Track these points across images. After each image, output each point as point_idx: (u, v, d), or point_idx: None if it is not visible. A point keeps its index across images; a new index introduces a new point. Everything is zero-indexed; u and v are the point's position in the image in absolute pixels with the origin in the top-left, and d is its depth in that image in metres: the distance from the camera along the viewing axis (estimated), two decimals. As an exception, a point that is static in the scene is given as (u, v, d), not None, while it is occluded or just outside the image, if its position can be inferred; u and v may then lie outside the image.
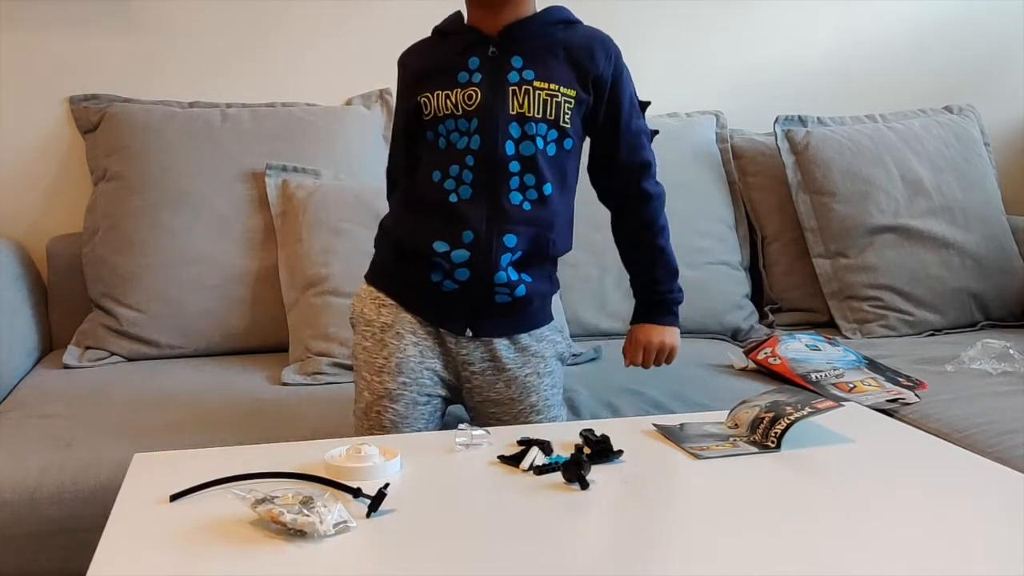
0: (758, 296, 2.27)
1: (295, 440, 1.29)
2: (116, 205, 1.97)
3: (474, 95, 1.32)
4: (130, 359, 1.91)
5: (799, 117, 2.33)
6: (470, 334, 1.39)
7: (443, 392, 1.41)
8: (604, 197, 1.50)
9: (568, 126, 1.35)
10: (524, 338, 1.41)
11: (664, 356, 1.49)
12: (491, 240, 1.33)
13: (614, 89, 1.40)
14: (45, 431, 1.49)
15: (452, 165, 1.34)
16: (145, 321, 1.91)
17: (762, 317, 2.23)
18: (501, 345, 1.40)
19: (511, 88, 1.32)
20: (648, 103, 1.49)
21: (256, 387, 1.73)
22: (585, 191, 1.50)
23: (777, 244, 2.30)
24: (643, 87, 1.46)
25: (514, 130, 1.33)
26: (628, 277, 1.51)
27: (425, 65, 1.39)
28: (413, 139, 1.42)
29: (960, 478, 1.08)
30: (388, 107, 2.23)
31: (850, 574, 0.84)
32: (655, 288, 1.49)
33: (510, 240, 1.34)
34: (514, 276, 1.36)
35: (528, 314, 1.41)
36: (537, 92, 1.33)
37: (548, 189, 1.35)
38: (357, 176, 2.07)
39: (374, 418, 1.36)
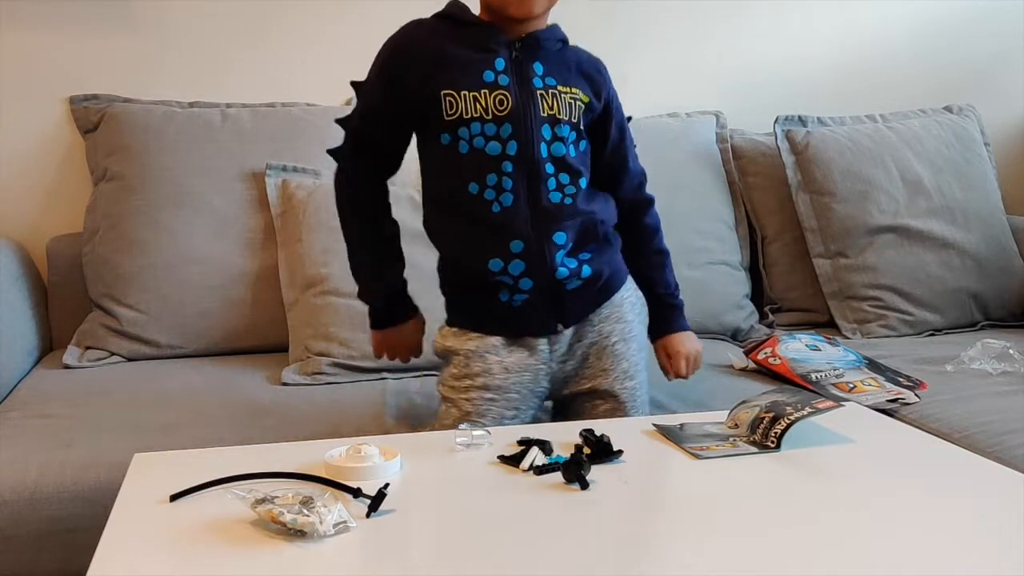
0: (758, 296, 2.27)
1: (295, 440, 1.29)
2: (116, 205, 1.97)
3: (505, 100, 1.31)
4: (130, 359, 1.91)
5: (799, 117, 2.33)
6: (562, 328, 1.41)
7: (534, 403, 1.43)
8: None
9: (584, 128, 1.39)
10: (604, 308, 1.44)
11: (696, 363, 1.54)
12: (542, 243, 1.35)
13: (613, 104, 1.46)
14: (45, 431, 1.49)
15: (488, 174, 1.32)
16: (145, 321, 1.91)
17: (762, 317, 2.23)
18: (585, 322, 1.43)
19: (539, 92, 1.34)
20: (630, 117, 1.54)
21: (256, 387, 1.73)
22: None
23: (777, 244, 2.30)
24: (643, 87, 1.47)
25: (546, 132, 1.34)
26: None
27: (437, 54, 1.33)
28: (401, 133, 1.41)
29: (960, 478, 1.08)
30: (388, 107, 2.23)
31: (850, 574, 0.84)
32: (669, 294, 1.53)
33: (560, 238, 1.36)
34: (573, 264, 1.38)
35: (603, 286, 1.44)
36: (562, 95, 1.35)
37: (583, 183, 1.38)
38: (357, 176, 2.06)
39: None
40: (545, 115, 1.33)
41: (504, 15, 1.34)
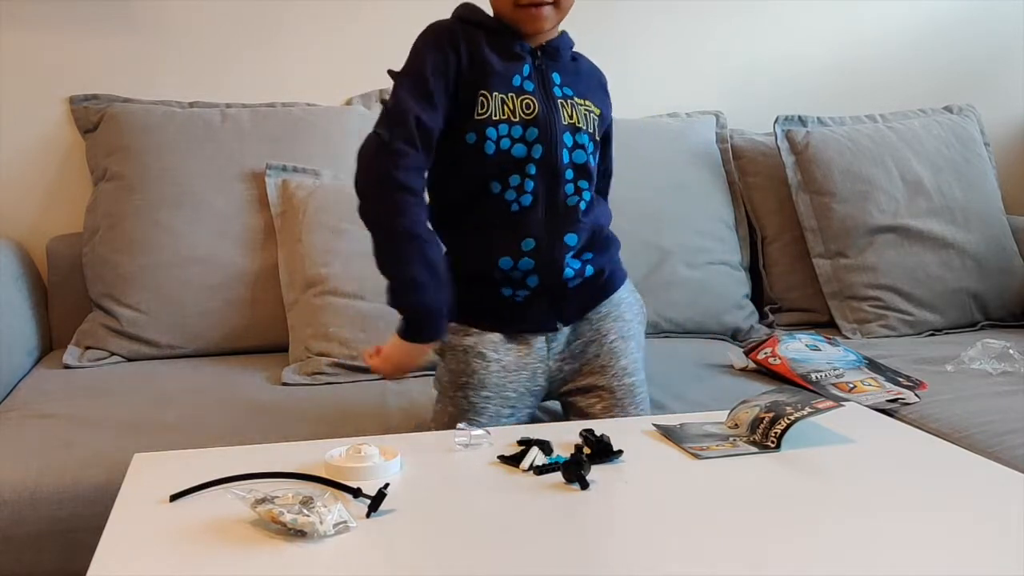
0: (758, 296, 2.27)
1: (295, 440, 1.29)
2: (116, 205, 1.97)
3: (532, 104, 1.34)
4: (130, 359, 1.91)
5: (799, 117, 2.33)
6: (560, 326, 1.42)
7: (530, 402, 1.44)
8: None
9: (598, 139, 1.43)
10: (603, 306, 1.45)
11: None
12: (553, 243, 1.37)
13: (610, 114, 1.49)
14: (45, 431, 1.49)
15: (511, 175, 1.34)
16: (145, 321, 1.91)
17: (762, 317, 2.23)
18: (583, 320, 1.44)
19: (559, 100, 1.37)
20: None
21: (256, 387, 1.73)
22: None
23: (777, 244, 2.30)
24: (643, 87, 1.47)
25: (568, 139, 1.37)
26: (631, 277, 1.54)
27: (478, 56, 1.33)
28: (447, 125, 1.33)
29: (960, 478, 1.08)
30: (388, 107, 2.23)
31: (850, 574, 0.84)
32: None
33: (571, 239, 1.38)
34: (578, 264, 1.41)
35: (602, 284, 1.46)
36: (580, 106, 1.39)
37: (593, 189, 1.43)
38: (357, 176, 2.06)
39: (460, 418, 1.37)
40: (567, 123, 1.37)
41: (516, 28, 1.37)
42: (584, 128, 1.38)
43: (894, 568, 0.85)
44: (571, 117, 1.37)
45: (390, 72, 1.37)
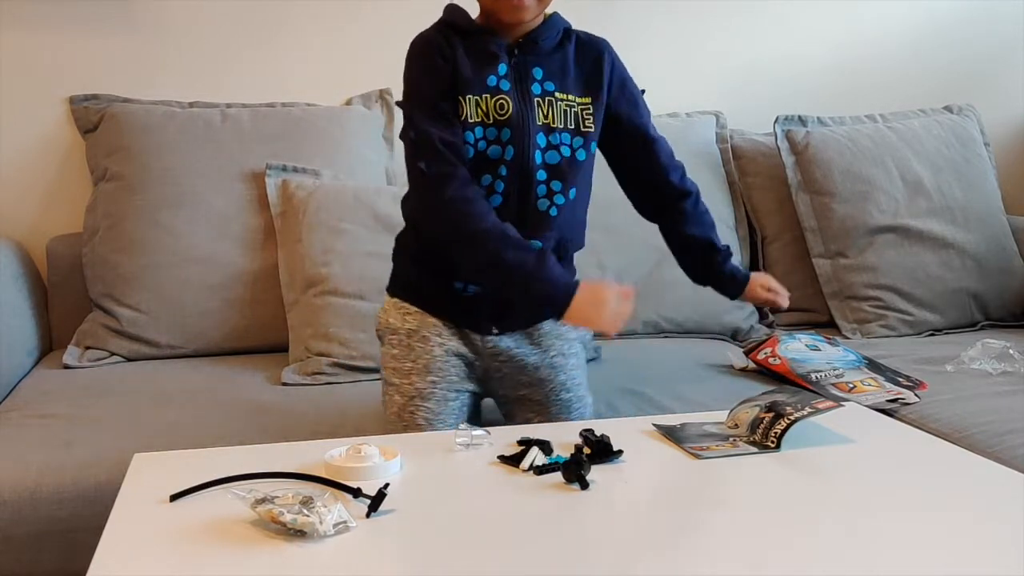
0: (758, 296, 2.27)
1: (295, 440, 1.29)
2: (116, 205, 1.97)
3: (505, 104, 1.33)
4: (130, 359, 1.91)
5: (799, 117, 2.33)
6: (496, 332, 1.41)
7: (472, 387, 1.44)
8: (646, 204, 1.52)
9: (591, 130, 1.38)
10: (546, 324, 1.45)
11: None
12: None
13: (616, 88, 1.42)
14: (45, 431, 1.49)
15: (483, 175, 1.33)
16: (145, 321, 1.91)
17: (762, 317, 2.23)
18: (525, 333, 1.43)
19: (536, 99, 1.34)
20: (643, 91, 1.51)
21: (256, 387, 1.73)
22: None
23: (777, 244, 2.30)
24: (643, 87, 1.47)
25: (540, 140, 1.35)
26: (626, 277, 1.51)
27: (456, 61, 1.34)
28: (458, 139, 1.33)
29: (960, 478, 1.09)
30: (388, 107, 2.23)
31: (850, 574, 0.84)
32: (727, 254, 1.53)
33: (536, 244, 1.34)
34: None
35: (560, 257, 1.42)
36: (559, 103, 1.36)
37: (572, 194, 1.39)
38: (357, 176, 2.07)
39: (407, 418, 1.38)
40: (540, 123, 1.34)
41: (496, 20, 1.34)
42: (560, 127, 1.35)
43: (894, 568, 0.85)
44: (546, 117, 1.34)
45: (399, 103, 1.39)
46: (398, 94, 1.41)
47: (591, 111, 1.38)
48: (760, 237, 2.31)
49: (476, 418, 1.47)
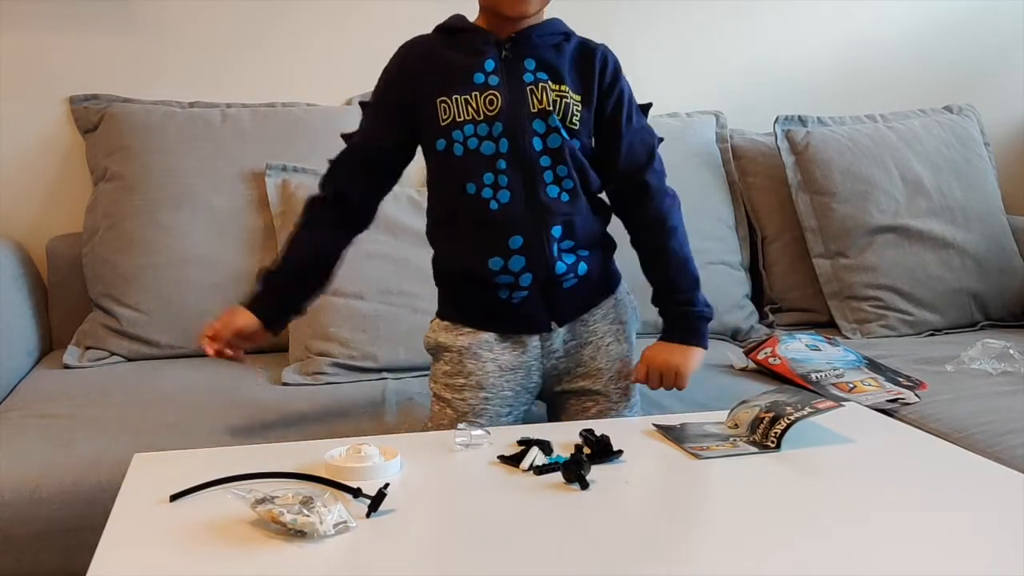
0: (758, 296, 2.27)
1: (295, 440, 1.29)
2: (116, 205, 1.97)
3: (495, 99, 1.32)
4: (130, 359, 1.91)
5: (799, 117, 2.33)
6: (555, 327, 1.41)
7: (525, 400, 1.43)
8: (614, 203, 1.47)
9: (577, 127, 1.36)
10: (600, 307, 1.44)
11: (671, 380, 1.41)
12: (541, 237, 1.35)
13: (615, 92, 1.41)
14: (45, 431, 1.49)
15: (485, 173, 1.33)
16: (145, 321, 1.91)
17: (762, 317, 2.23)
18: (580, 321, 1.43)
19: (528, 87, 1.34)
20: (650, 104, 1.50)
21: (256, 387, 1.73)
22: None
23: (777, 244, 2.30)
24: (643, 87, 1.46)
25: (539, 126, 1.34)
26: (626, 277, 1.51)
27: (437, 63, 1.36)
28: (403, 142, 1.41)
29: (960, 478, 1.09)
30: (388, 107, 2.23)
31: (850, 574, 0.84)
32: (673, 297, 1.44)
33: (557, 231, 1.35)
34: (571, 260, 1.38)
35: (598, 285, 1.44)
36: (551, 91, 1.34)
37: (579, 177, 1.37)
38: (357, 176, 2.06)
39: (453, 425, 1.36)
40: (536, 110, 1.33)
41: (498, 14, 1.34)
42: (555, 111, 1.34)
43: (894, 568, 0.85)
44: (540, 102, 1.33)
45: (360, 103, 1.50)
46: (417, 35, 1.42)
47: (580, 108, 1.36)
48: (760, 237, 2.31)
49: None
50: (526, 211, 1.34)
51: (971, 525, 0.94)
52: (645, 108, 1.48)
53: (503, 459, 1.10)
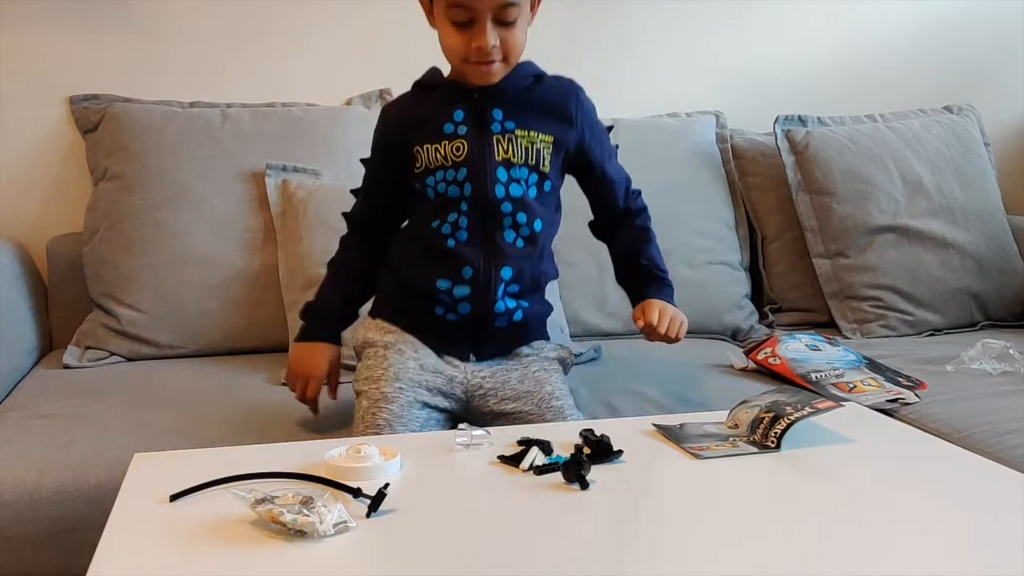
0: (758, 296, 2.27)
1: (295, 440, 1.29)
2: (116, 205, 1.97)
3: (462, 147, 1.40)
4: (130, 359, 1.91)
5: (799, 117, 2.33)
6: (473, 359, 1.46)
7: (447, 405, 1.44)
8: (597, 228, 1.60)
9: (548, 170, 1.44)
10: (524, 348, 1.49)
11: (677, 327, 1.44)
12: (489, 274, 1.42)
13: (586, 128, 1.48)
14: (45, 431, 1.49)
15: (449, 212, 1.42)
16: (145, 321, 1.91)
17: (762, 317, 2.23)
18: (504, 357, 1.48)
19: (495, 137, 1.41)
20: (611, 127, 1.57)
21: (256, 387, 1.73)
22: (582, 197, 1.54)
23: (777, 244, 2.30)
24: (643, 87, 1.47)
25: (501, 175, 1.41)
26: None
27: (411, 118, 1.45)
28: (397, 190, 1.49)
29: (960, 478, 1.09)
30: (388, 107, 2.23)
31: (850, 574, 0.84)
32: (659, 270, 1.54)
33: (506, 273, 1.43)
34: (511, 304, 1.45)
35: (527, 331, 1.50)
36: (519, 139, 1.42)
37: (538, 226, 1.45)
38: (357, 176, 2.05)
39: (368, 419, 1.38)
40: (499, 159, 1.41)
41: (465, 79, 1.42)
42: (519, 162, 1.41)
43: (894, 568, 0.85)
44: (505, 152, 1.41)
45: (361, 160, 1.58)
46: (399, 94, 1.48)
47: (551, 150, 1.43)
48: (760, 237, 2.31)
49: None
50: (481, 251, 1.42)
51: (971, 525, 0.94)
52: (607, 129, 1.56)
53: (503, 459, 1.10)
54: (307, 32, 2.21)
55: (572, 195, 1.56)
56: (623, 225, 1.57)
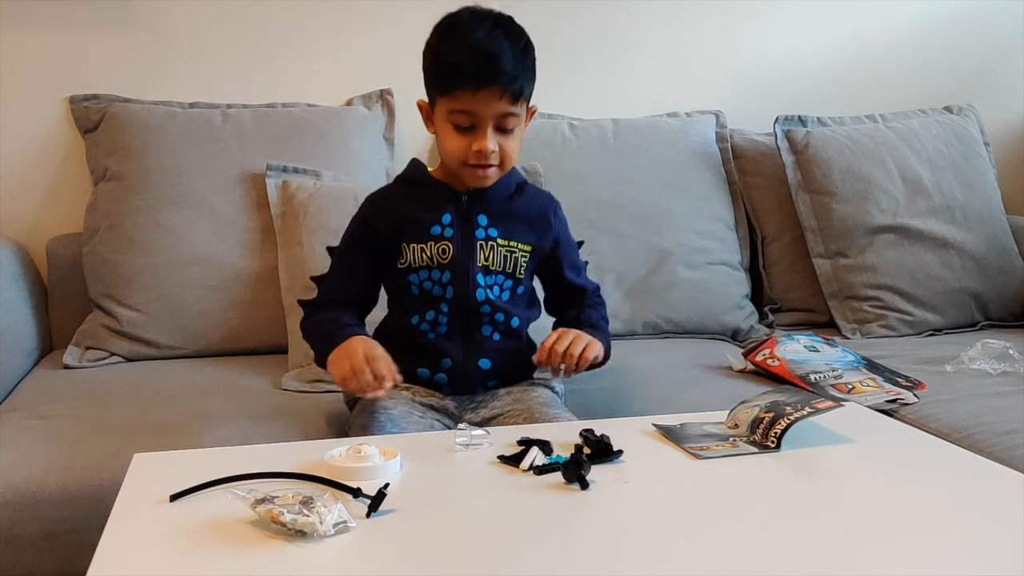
0: (758, 296, 2.27)
1: (295, 440, 1.29)
2: (116, 205, 1.97)
3: (447, 249, 1.44)
4: (130, 359, 1.91)
5: (799, 117, 2.33)
6: (460, 416, 1.46)
7: (440, 417, 1.45)
8: (550, 306, 1.61)
9: (523, 277, 1.49)
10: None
11: (580, 349, 1.39)
12: (468, 365, 1.47)
13: (559, 238, 1.54)
14: (46, 431, 1.49)
15: (428, 310, 1.45)
16: (145, 321, 1.91)
17: (762, 317, 2.23)
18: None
19: (479, 243, 1.45)
20: (581, 242, 1.62)
21: (256, 388, 1.73)
22: (582, 197, 1.53)
23: (777, 244, 2.30)
24: (643, 87, 1.47)
25: (481, 278, 1.45)
26: (626, 278, 1.53)
27: (400, 214, 1.46)
28: (376, 279, 1.51)
29: (960, 478, 1.09)
30: (389, 107, 2.22)
31: (850, 574, 0.84)
32: (590, 323, 1.51)
33: (485, 364, 1.47)
34: (492, 383, 1.50)
35: (508, 379, 1.52)
36: (500, 248, 1.47)
37: (515, 323, 1.49)
38: (358, 177, 2.06)
39: (366, 418, 1.38)
40: (481, 264, 1.45)
41: (460, 179, 1.44)
42: (497, 269, 1.46)
43: (894, 568, 0.85)
44: (486, 259, 1.45)
45: (327, 248, 1.57)
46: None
47: (527, 259, 1.48)
48: (760, 237, 2.31)
49: None
50: (460, 345, 1.46)
51: (971, 525, 0.94)
52: (578, 244, 1.61)
53: (503, 459, 1.10)
54: (307, 33, 2.21)
55: (563, 196, 1.55)
56: (576, 301, 1.57)
